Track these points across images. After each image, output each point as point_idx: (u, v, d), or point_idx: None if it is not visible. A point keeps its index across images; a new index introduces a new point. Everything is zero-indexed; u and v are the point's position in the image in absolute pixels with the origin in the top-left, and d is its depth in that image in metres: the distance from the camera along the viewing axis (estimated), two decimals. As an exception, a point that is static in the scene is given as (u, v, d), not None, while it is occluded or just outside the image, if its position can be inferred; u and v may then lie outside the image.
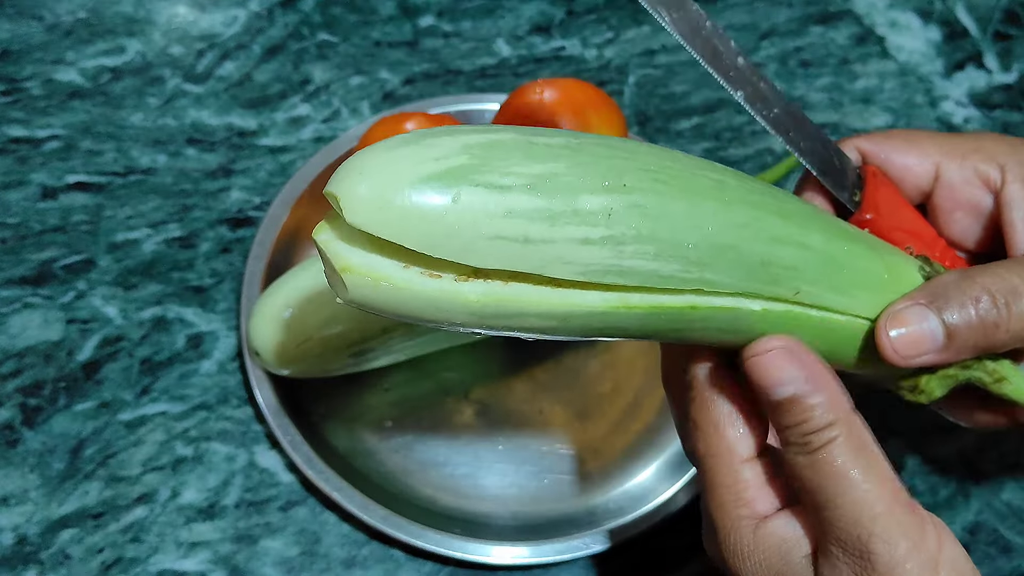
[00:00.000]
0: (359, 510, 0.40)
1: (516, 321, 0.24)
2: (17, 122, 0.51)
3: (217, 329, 0.46)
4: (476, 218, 0.22)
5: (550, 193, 0.23)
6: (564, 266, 0.23)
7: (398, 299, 0.23)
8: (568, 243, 0.23)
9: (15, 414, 0.43)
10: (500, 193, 0.22)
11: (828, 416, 0.25)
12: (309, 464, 0.41)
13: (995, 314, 0.29)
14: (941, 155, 0.34)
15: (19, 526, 0.40)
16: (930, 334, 0.29)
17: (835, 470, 0.25)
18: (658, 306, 0.25)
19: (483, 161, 0.22)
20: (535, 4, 0.60)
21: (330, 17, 0.57)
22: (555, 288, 0.24)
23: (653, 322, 0.26)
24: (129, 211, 0.49)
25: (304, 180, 0.48)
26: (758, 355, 0.26)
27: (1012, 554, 0.43)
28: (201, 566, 0.40)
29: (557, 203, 0.23)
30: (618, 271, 0.24)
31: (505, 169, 0.22)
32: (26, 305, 0.46)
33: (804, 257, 0.28)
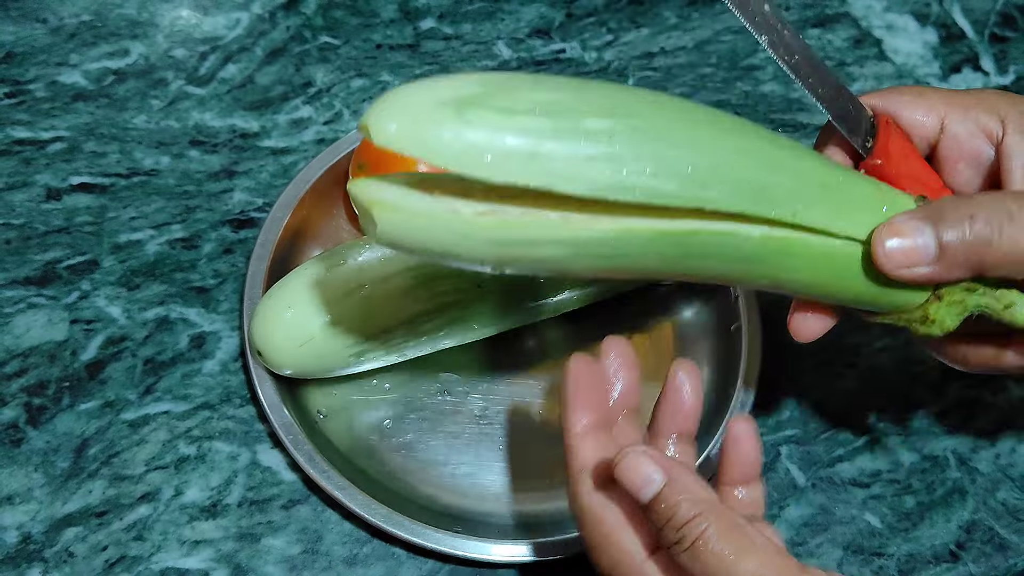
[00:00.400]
0: (361, 508, 0.41)
1: (532, 251, 0.26)
2: (21, 124, 0.51)
3: (220, 329, 0.46)
4: (488, 135, 0.24)
5: (556, 115, 0.25)
6: (570, 182, 0.25)
7: (423, 230, 0.25)
8: (573, 159, 0.25)
9: (20, 413, 0.43)
10: (509, 114, 0.24)
11: (694, 508, 0.28)
12: (311, 463, 0.41)
13: (987, 232, 0.29)
14: (947, 108, 0.36)
15: (23, 524, 0.41)
16: (923, 246, 0.30)
17: (716, 556, 0.27)
18: (661, 230, 0.27)
19: (495, 90, 0.25)
20: (535, 7, 0.60)
21: (332, 20, 0.58)
22: (565, 214, 0.26)
23: (658, 248, 0.27)
24: (133, 212, 0.49)
25: (306, 181, 0.49)
26: (619, 461, 0.28)
27: (1008, 552, 0.44)
28: (204, 564, 0.41)
29: (562, 123, 0.25)
30: (620, 187, 0.25)
31: (515, 96, 0.25)
32: (30, 305, 0.46)
33: (800, 181, 0.29)
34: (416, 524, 0.41)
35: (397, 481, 0.44)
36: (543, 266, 0.26)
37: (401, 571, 0.42)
